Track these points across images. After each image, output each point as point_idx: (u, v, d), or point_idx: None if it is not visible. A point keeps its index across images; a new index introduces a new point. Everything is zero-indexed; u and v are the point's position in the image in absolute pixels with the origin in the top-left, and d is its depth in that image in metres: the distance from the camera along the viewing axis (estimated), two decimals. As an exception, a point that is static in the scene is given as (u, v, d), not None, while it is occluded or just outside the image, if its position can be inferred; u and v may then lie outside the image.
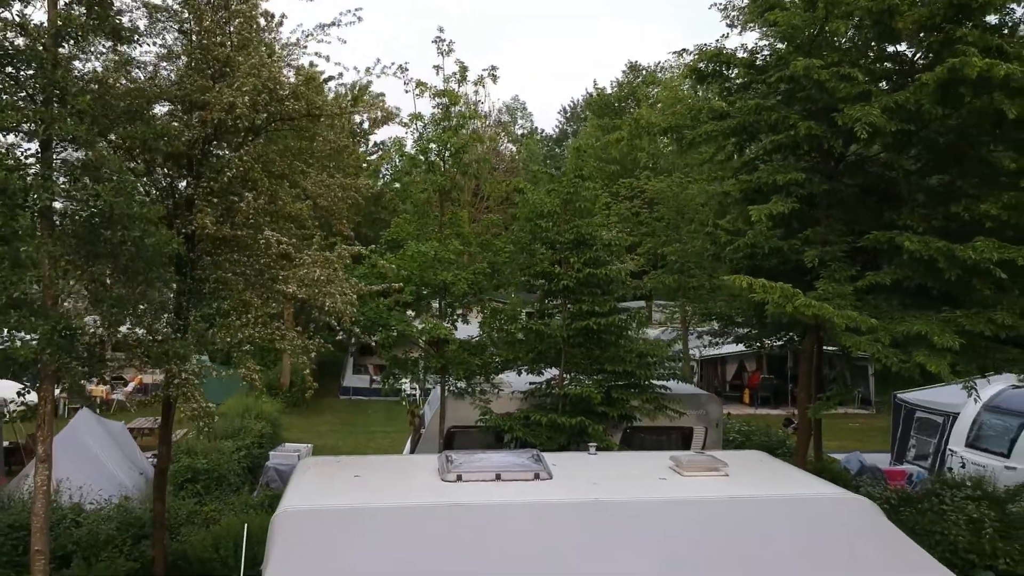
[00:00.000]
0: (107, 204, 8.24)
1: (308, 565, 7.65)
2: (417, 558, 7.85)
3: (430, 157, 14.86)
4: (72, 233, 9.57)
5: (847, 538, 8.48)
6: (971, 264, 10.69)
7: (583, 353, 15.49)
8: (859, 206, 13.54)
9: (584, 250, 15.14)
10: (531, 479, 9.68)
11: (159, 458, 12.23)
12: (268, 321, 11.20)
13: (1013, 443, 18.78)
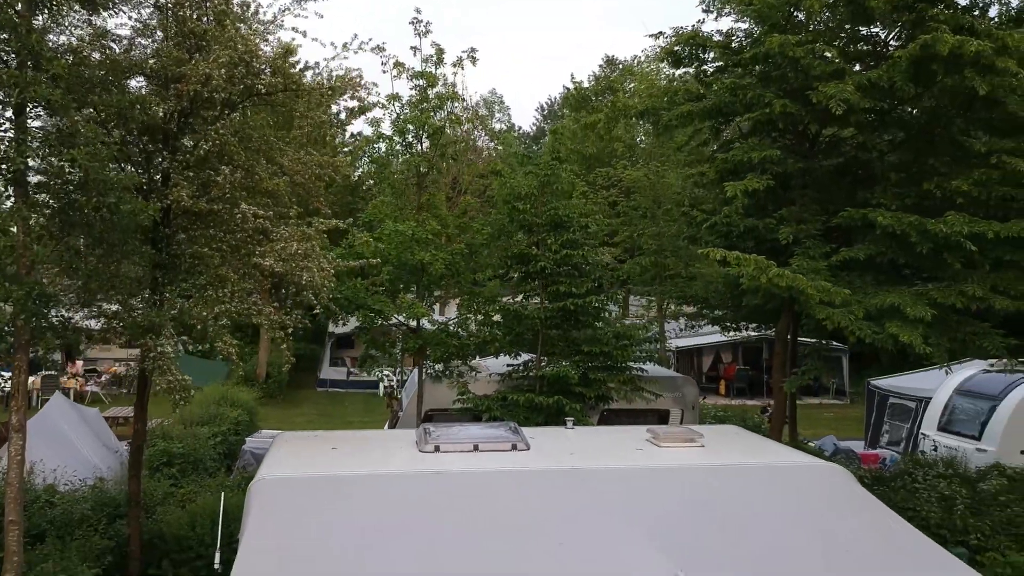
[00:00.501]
0: (82, 169, 8.18)
1: (284, 531, 7.63)
2: (394, 524, 7.83)
3: (407, 138, 14.84)
4: (46, 203, 9.51)
5: (821, 502, 8.57)
6: (942, 238, 10.83)
7: (560, 335, 15.55)
8: (833, 186, 13.68)
9: (561, 232, 15.19)
10: (509, 450, 9.71)
11: (134, 435, 12.16)
12: (245, 296, 11.16)
13: (984, 426, 19.03)
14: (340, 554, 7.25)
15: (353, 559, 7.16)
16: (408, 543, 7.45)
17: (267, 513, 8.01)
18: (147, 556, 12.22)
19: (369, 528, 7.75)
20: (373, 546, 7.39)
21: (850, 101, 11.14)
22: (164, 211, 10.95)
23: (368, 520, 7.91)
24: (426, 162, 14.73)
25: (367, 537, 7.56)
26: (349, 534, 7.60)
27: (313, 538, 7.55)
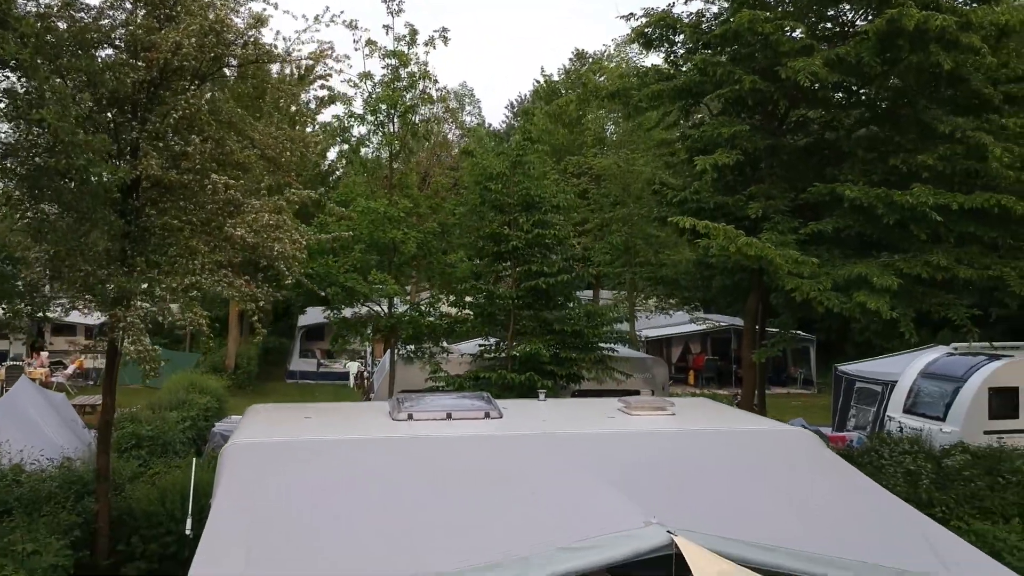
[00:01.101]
0: (51, 130, 8.10)
1: (256, 493, 7.60)
2: (367, 485, 7.83)
3: (379, 117, 14.82)
4: (15, 170, 9.41)
5: (790, 462, 8.69)
6: (908, 209, 11.01)
7: (532, 316, 15.61)
8: (801, 164, 13.84)
9: (533, 212, 15.25)
10: (482, 417, 9.76)
11: (103, 409, 12.05)
12: (216, 269, 11.10)
13: (948, 407, 19.31)
14: (312, 513, 7.23)
15: (325, 517, 7.14)
16: (381, 502, 7.45)
17: (239, 476, 7.99)
18: (116, 533, 12.10)
19: (341, 489, 7.74)
20: (345, 505, 7.37)
21: (818, 75, 11.30)
22: (133, 183, 10.88)
23: (340, 481, 7.90)
24: (398, 141, 14.71)
25: (339, 497, 7.55)
26: (321, 495, 7.58)
27: (285, 499, 7.53)
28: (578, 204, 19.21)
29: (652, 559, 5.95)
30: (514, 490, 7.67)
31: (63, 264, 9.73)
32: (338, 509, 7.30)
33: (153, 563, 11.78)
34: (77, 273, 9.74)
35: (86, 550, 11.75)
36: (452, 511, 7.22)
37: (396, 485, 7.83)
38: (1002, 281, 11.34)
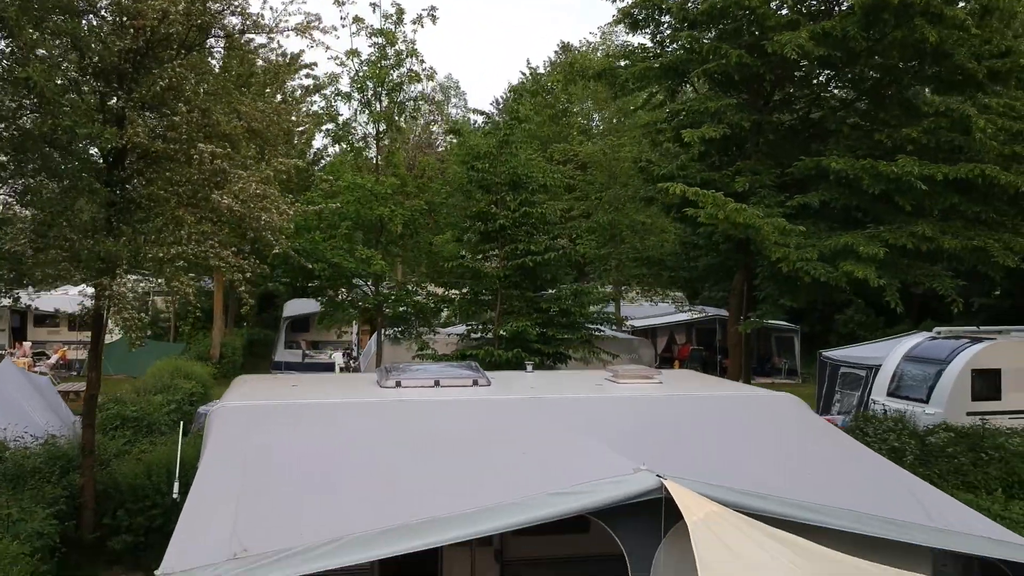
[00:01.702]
0: (36, 89, 8.03)
1: (244, 448, 7.58)
2: (354, 445, 7.82)
3: (367, 95, 14.79)
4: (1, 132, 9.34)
5: (778, 424, 8.74)
6: (894, 179, 11.08)
7: (519, 295, 15.62)
8: (787, 142, 13.91)
9: (520, 191, 15.26)
10: (470, 385, 9.76)
11: (88, 384, 11.98)
12: (202, 239, 11.04)
13: (932, 389, 19.40)
14: (300, 468, 7.22)
15: (313, 472, 7.12)
16: (369, 459, 7.44)
17: (227, 434, 7.96)
18: (101, 507, 12.02)
19: (329, 447, 7.73)
20: (333, 461, 7.36)
21: (804, 47, 11.35)
22: (119, 153, 10.82)
23: (328, 441, 7.88)
24: (385, 118, 14.69)
25: (327, 454, 7.53)
26: (309, 452, 7.56)
27: (272, 455, 7.50)
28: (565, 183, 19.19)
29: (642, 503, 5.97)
30: (504, 450, 7.67)
31: (48, 231, 9.66)
32: (326, 464, 7.29)
33: (139, 536, 11.71)
34: (63, 241, 9.67)
35: (72, 523, 11.69)
36: (441, 469, 7.21)
37: (384, 444, 7.83)
38: (985, 252, 11.43)
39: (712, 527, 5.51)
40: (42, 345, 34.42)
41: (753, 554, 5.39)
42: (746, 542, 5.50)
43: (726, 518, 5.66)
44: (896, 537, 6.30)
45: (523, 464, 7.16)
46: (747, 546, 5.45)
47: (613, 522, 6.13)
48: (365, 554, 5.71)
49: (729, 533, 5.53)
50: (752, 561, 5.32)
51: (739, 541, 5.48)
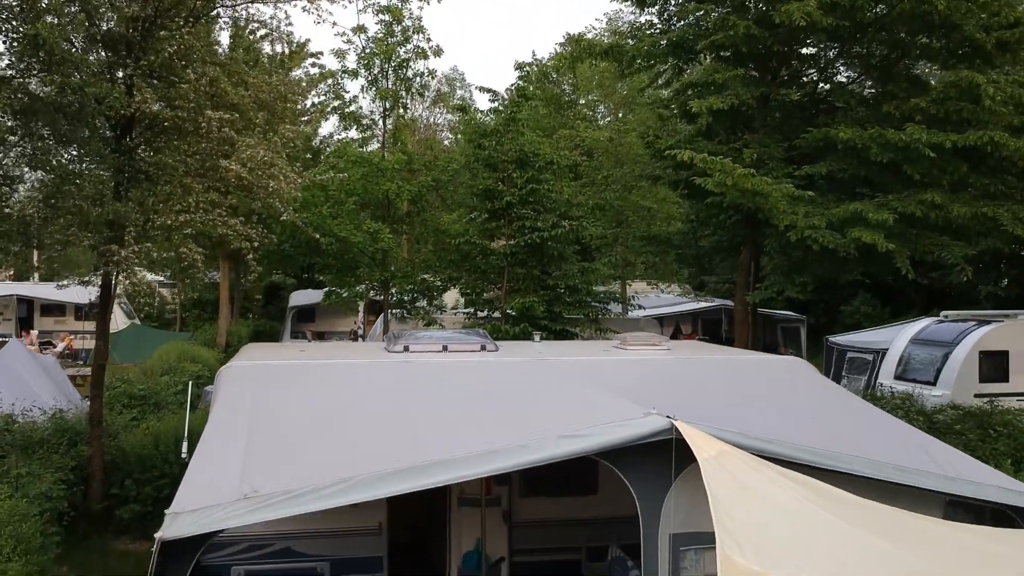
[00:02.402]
0: (46, 46, 8.03)
1: (250, 402, 7.56)
2: (362, 399, 7.81)
3: (373, 71, 14.79)
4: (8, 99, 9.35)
5: (787, 383, 8.71)
6: (902, 148, 11.03)
7: (526, 273, 15.61)
8: (794, 118, 13.88)
9: (527, 168, 15.25)
10: (478, 350, 9.74)
11: (96, 353, 12.02)
12: (210, 208, 11.05)
13: (939, 372, 19.36)
14: (308, 420, 7.20)
15: (321, 423, 7.11)
16: (375, 412, 7.42)
17: (235, 391, 7.95)
18: (110, 477, 12.05)
19: (335, 401, 7.71)
20: (338, 414, 7.34)
21: (812, 16, 11.31)
22: (128, 122, 10.84)
23: (334, 395, 7.88)
24: (392, 95, 14.68)
25: (333, 408, 7.51)
26: (317, 406, 7.55)
27: (282, 407, 7.50)
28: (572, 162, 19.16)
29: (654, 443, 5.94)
30: (512, 402, 7.67)
31: (58, 194, 9.67)
32: (334, 416, 7.29)
33: (147, 505, 11.72)
34: (72, 207, 9.67)
35: (80, 491, 11.72)
36: (449, 420, 7.19)
37: (391, 399, 7.83)
38: (995, 222, 11.38)
39: (724, 464, 5.50)
40: (48, 335, 34.49)
41: (766, 490, 5.37)
42: (759, 479, 5.48)
43: (738, 456, 5.64)
44: (909, 482, 6.27)
45: (531, 414, 7.14)
46: (760, 482, 5.43)
47: (623, 465, 6.11)
48: (374, 492, 5.71)
49: (742, 470, 5.51)
50: (766, 496, 5.30)
51: (752, 478, 5.46)
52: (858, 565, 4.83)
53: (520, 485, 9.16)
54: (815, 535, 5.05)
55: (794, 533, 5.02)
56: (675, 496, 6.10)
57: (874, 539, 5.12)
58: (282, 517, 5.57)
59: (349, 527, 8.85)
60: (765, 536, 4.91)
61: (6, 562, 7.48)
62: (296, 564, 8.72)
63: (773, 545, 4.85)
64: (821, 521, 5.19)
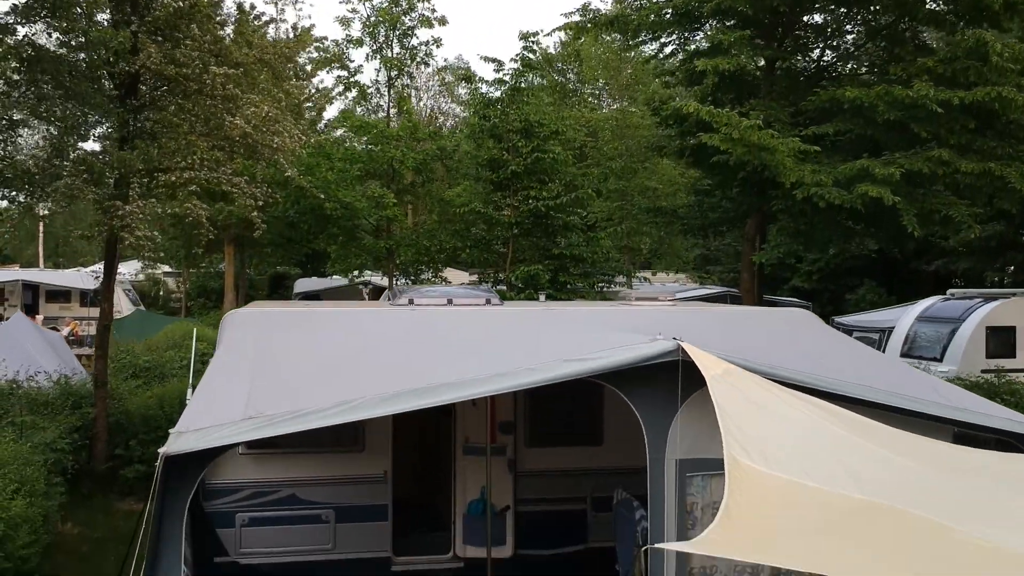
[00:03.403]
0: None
1: (255, 343, 7.53)
2: (365, 342, 7.77)
3: (378, 40, 14.76)
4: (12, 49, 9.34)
5: (794, 331, 8.66)
6: (909, 106, 10.96)
7: (531, 244, 15.58)
8: (800, 84, 13.83)
9: (532, 138, 15.21)
10: (482, 304, 9.70)
11: (101, 315, 12.02)
12: (215, 166, 11.04)
13: (945, 348, 19.28)
14: (310, 358, 7.15)
15: (322, 361, 7.06)
16: (379, 352, 7.37)
17: (239, 334, 7.91)
18: (114, 438, 12.07)
19: (339, 344, 7.64)
20: (343, 353, 7.28)
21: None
22: (132, 81, 10.83)
23: (338, 339, 7.81)
24: (397, 63, 14.65)
25: (337, 349, 7.45)
26: (319, 346, 7.50)
27: (285, 349, 7.45)
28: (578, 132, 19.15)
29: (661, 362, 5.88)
30: (517, 344, 7.63)
31: (61, 143, 9.66)
32: (338, 355, 7.23)
33: (151, 466, 11.63)
34: (77, 154, 9.66)
35: (84, 454, 11.72)
36: (454, 358, 7.14)
37: (396, 342, 7.78)
38: (1002, 180, 11.31)
39: (731, 381, 5.45)
40: (54, 320, 34.47)
41: (774, 405, 5.33)
42: (766, 395, 5.44)
43: (745, 375, 5.60)
44: (918, 409, 6.22)
45: (537, 351, 7.09)
46: (767, 398, 5.39)
47: (629, 391, 6.06)
48: (379, 410, 5.68)
49: (749, 387, 5.47)
50: (774, 410, 5.26)
51: (759, 394, 5.43)
52: (871, 475, 4.75)
53: (525, 435, 9.13)
54: (824, 446, 5.01)
55: (802, 443, 4.98)
56: (681, 421, 6.04)
57: (887, 452, 5.06)
58: (287, 432, 5.52)
59: (354, 475, 8.84)
60: (772, 444, 4.86)
61: (9, 500, 7.46)
62: (301, 511, 8.71)
63: (780, 452, 4.81)
64: (830, 434, 5.14)
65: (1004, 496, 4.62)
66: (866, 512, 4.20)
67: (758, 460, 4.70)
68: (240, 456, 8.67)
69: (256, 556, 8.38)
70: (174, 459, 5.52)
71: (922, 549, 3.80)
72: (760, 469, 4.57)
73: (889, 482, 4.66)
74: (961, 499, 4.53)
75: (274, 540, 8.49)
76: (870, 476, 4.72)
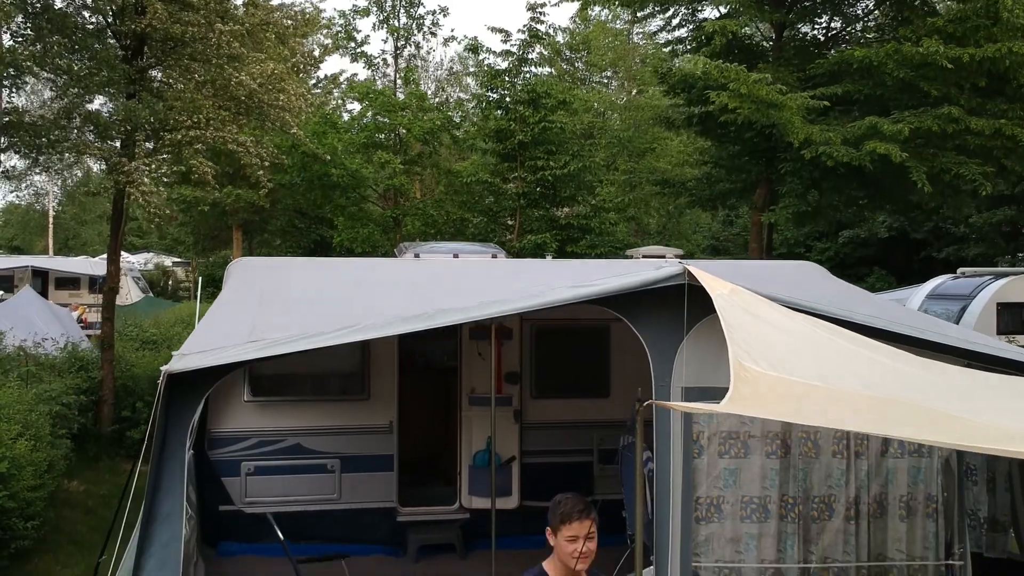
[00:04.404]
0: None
1: (258, 285, 7.48)
2: (370, 285, 7.72)
3: (385, 7, 14.74)
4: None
5: (803, 279, 8.59)
6: (918, 65, 10.86)
7: (539, 216, 15.53)
8: (808, 52, 13.75)
9: (539, 108, 15.16)
10: (488, 258, 9.66)
11: (107, 277, 12.00)
12: (220, 126, 11.02)
13: (957, 324, 19.16)
14: (314, 298, 7.11)
15: (326, 298, 7.03)
16: (384, 294, 7.33)
17: (242, 278, 7.88)
18: (120, 401, 12.08)
19: (344, 286, 7.59)
20: (348, 294, 7.25)
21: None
22: (138, 41, 10.83)
23: (343, 282, 7.77)
24: (404, 34, 14.63)
25: (342, 290, 7.41)
26: (323, 288, 7.45)
27: (288, 290, 7.39)
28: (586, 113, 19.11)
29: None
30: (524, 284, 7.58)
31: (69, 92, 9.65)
32: (343, 295, 7.19)
33: (158, 427, 11.70)
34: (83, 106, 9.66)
35: (91, 417, 11.74)
36: (457, 297, 7.10)
37: (400, 287, 7.73)
38: (1014, 140, 11.19)
39: (739, 301, 5.38)
40: (63, 307, 34.45)
41: (784, 322, 5.27)
42: (773, 312, 5.38)
43: (754, 296, 5.53)
44: (929, 337, 6.12)
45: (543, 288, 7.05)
46: (774, 315, 5.33)
47: (635, 317, 5.99)
48: (386, 331, 5.63)
49: (756, 305, 5.40)
50: (780, 325, 5.19)
51: (765, 311, 5.36)
52: (880, 380, 4.69)
53: (532, 386, 9.10)
54: (832, 356, 4.94)
55: (810, 352, 4.92)
56: (687, 349, 5.97)
57: (895, 364, 5.01)
58: (291, 352, 5.46)
59: (360, 425, 8.81)
60: (779, 352, 4.79)
61: (13, 441, 7.45)
62: (306, 461, 8.68)
63: (788, 359, 4.74)
64: (838, 346, 5.09)
65: (1007, 395, 4.59)
66: (877, 405, 4.15)
67: (765, 366, 4.64)
68: (245, 404, 8.67)
69: (261, 505, 8.34)
70: (178, 379, 5.47)
71: (935, 427, 3.77)
72: (768, 372, 4.51)
73: (898, 386, 4.60)
74: (969, 399, 4.49)
75: (279, 489, 8.46)
76: (879, 381, 4.66)
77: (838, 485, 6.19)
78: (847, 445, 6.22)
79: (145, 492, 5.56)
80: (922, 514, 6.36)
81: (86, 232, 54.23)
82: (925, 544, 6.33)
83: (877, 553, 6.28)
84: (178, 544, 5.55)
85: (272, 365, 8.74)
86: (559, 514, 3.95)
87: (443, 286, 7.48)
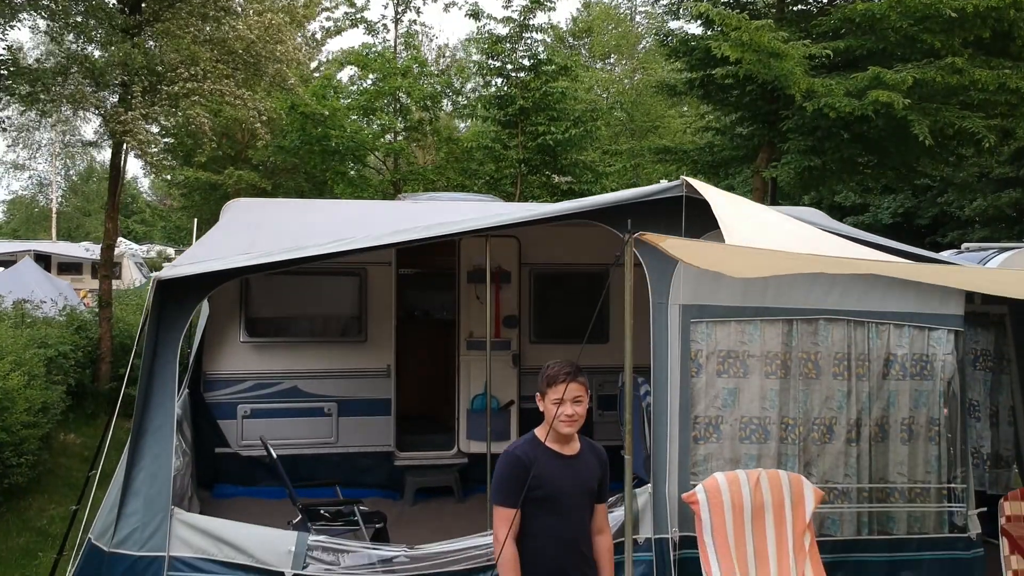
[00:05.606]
0: None
1: (252, 219, 7.42)
2: (366, 220, 7.64)
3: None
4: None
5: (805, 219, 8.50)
6: (921, 14, 10.74)
7: (540, 181, 15.45)
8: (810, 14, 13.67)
9: (540, 75, 15.08)
10: (483, 204, 9.60)
11: (105, 235, 11.95)
12: (218, 79, 10.97)
13: (959, 299, 19.06)
14: (309, 228, 7.02)
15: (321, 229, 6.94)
16: (380, 224, 7.26)
17: (235, 215, 7.81)
18: (119, 360, 12.03)
19: (340, 220, 7.50)
20: (344, 225, 7.15)
21: None
22: (135, 0, 10.79)
23: (339, 218, 7.70)
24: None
25: (337, 222, 7.31)
26: (318, 221, 7.37)
27: (281, 223, 7.32)
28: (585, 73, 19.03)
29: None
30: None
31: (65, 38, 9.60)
32: (339, 226, 7.11)
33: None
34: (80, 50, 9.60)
35: (89, 375, 11.70)
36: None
37: (398, 221, 7.67)
38: (1019, 96, 11.07)
39: (733, 201, 5.32)
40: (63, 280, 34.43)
41: (780, 223, 5.20)
42: (772, 215, 5.33)
43: (751, 203, 5.48)
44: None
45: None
46: (773, 218, 5.28)
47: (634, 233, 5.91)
48: (380, 242, 5.55)
49: (754, 209, 5.35)
50: (780, 226, 5.12)
51: (764, 214, 5.31)
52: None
53: (530, 330, 9.04)
54: (826, 245, 4.92)
55: (799, 245, 4.87)
56: (685, 266, 5.90)
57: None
58: (282, 261, 5.40)
59: (357, 368, 8.74)
60: (768, 238, 4.74)
61: (6, 375, 7.39)
62: (303, 404, 8.63)
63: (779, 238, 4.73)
64: (831, 244, 5.07)
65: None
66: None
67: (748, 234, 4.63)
68: (241, 345, 8.62)
69: (257, 448, 8.27)
70: (169, 290, 5.42)
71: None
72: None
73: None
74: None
75: (276, 432, 8.39)
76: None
77: (840, 407, 6.13)
78: (848, 367, 6.16)
79: (135, 405, 5.51)
80: (924, 437, 6.29)
81: (90, 223, 54.33)
82: (927, 468, 6.27)
83: (879, 476, 6.20)
84: (169, 458, 5.51)
85: (269, 306, 8.72)
86: (546, 377, 3.99)
87: (439, 217, 7.41)
